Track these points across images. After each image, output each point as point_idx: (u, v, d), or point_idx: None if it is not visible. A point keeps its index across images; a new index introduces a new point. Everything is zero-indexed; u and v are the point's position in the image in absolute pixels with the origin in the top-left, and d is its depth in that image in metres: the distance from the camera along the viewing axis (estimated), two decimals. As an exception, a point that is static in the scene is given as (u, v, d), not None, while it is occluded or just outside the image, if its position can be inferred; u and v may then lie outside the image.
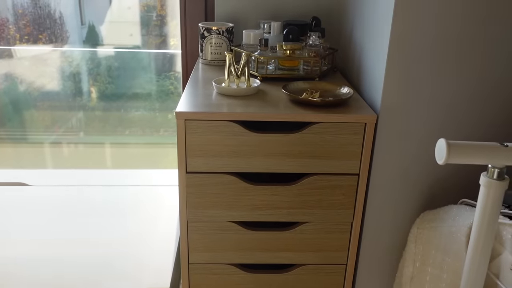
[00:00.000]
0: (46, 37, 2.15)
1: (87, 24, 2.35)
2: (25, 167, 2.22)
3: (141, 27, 2.58)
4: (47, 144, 2.36)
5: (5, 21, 2.05)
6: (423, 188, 1.05)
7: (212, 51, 1.36)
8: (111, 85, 2.43)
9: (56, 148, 2.37)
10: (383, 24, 0.98)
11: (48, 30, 2.14)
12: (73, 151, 2.43)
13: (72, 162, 2.36)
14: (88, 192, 1.58)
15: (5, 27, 2.06)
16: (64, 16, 2.19)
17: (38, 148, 2.36)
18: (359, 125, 0.98)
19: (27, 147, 2.37)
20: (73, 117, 2.41)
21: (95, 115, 2.45)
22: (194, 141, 0.98)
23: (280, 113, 0.97)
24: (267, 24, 1.33)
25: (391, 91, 0.98)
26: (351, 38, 1.27)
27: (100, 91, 2.44)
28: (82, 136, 2.42)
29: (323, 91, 1.10)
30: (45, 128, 2.37)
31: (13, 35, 2.08)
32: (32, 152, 2.36)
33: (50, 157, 2.37)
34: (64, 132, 2.42)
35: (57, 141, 2.36)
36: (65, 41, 2.24)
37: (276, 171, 1.02)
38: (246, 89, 1.09)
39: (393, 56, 0.95)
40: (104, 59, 2.48)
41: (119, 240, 1.26)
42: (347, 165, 1.02)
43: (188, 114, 0.96)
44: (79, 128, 2.45)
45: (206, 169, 1.01)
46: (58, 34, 2.18)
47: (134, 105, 2.45)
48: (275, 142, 0.99)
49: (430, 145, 1.02)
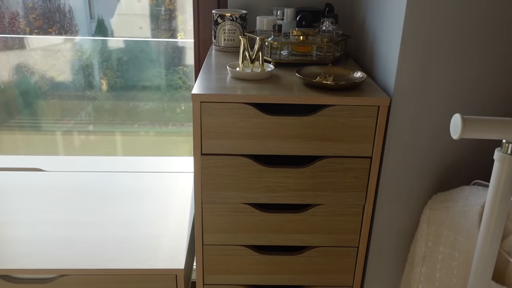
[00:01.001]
0: (55, 30, 2.17)
1: (96, 18, 2.38)
2: (39, 154, 2.26)
3: (150, 20, 2.60)
4: (59, 133, 2.39)
5: (15, 14, 2.07)
6: (436, 171, 1.06)
7: (225, 38, 1.37)
8: (120, 79, 2.45)
9: (68, 136, 2.41)
10: (397, 7, 0.98)
11: (57, 24, 2.16)
12: (84, 139, 2.46)
13: (83, 150, 2.40)
14: (101, 177, 1.61)
15: (15, 21, 2.08)
16: (73, 10, 2.22)
17: (50, 136, 2.39)
18: (372, 108, 0.99)
19: (40, 135, 2.41)
20: (82, 110, 2.44)
21: (104, 108, 2.48)
22: (209, 123, 1.00)
23: (294, 96, 0.98)
24: (280, 11, 1.34)
25: (405, 74, 0.98)
26: (363, 24, 1.27)
27: (109, 84, 2.46)
28: (91, 129, 2.45)
29: (336, 76, 1.11)
30: (57, 119, 2.40)
31: (23, 29, 2.11)
32: (44, 140, 2.40)
33: (62, 145, 2.40)
34: (74, 124, 2.45)
35: (68, 130, 2.40)
36: (75, 35, 2.27)
37: (289, 153, 1.04)
38: (260, 73, 1.10)
39: (406, 39, 0.96)
40: (114, 52, 2.49)
41: (133, 223, 1.29)
42: (360, 148, 1.03)
43: (204, 96, 0.98)
44: (89, 120, 2.48)
45: (221, 151, 1.03)
46: (68, 28, 2.21)
47: (143, 98, 2.48)
48: (289, 124, 1.01)
49: (442, 128, 1.02)
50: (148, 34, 2.75)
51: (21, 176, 1.59)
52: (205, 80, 1.07)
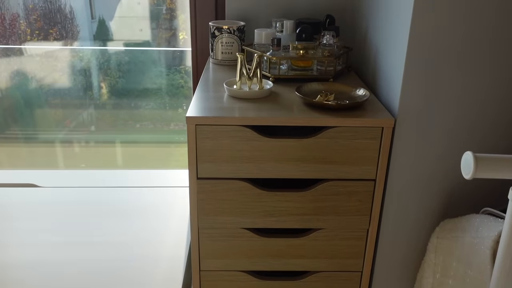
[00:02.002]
0: (56, 31, 2.15)
1: (98, 18, 2.34)
2: (36, 166, 2.22)
3: (150, 22, 2.57)
4: (58, 142, 2.36)
5: (16, 16, 2.05)
6: (443, 195, 1.01)
7: (223, 51, 1.33)
8: (121, 79, 2.42)
9: (67, 146, 2.37)
10: (402, 21, 0.93)
11: (58, 25, 2.14)
12: (84, 149, 2.42)
13: (82, 160, 2.36)
14: (98, 193, 1.57)
15: (16, 22, 2.06)
16: (74, 11, 2.18)
17: (49, 147, 2.36)
18: (376, 130, 0.95)
19: (38, 146, 2.37)
20: (84, 112, 2.41)
21: (106, 110, 2.45)
22: (205, 146, 0.95)
23: (294, 118, 0.94)
24: (280, 23, 1.29)
25: (410, 94, 0.94)
26: (366, 36, 1.23)
27: (110, 86, 2.43)
28: (93, 130, 2.41)
29: (338, 93, 1.06)
30: (57, 123, 2.36)
31: (24, 30, 2.08)
32: (43, 151, 2.36)
33: (61, 155, 2.37)
34: (75, 127, 2.41)
35: (68, 137, 2.36)
36: (76, 36, 2.24)
37: (289, 176, 0.99)
38: (259, 92, 1.05)
39: (412, 56, 0.91)
40: (114, 54, 2.46)
41: (129, 245, 1.24)
42: (363, 170, 0.98)
43: (199, 119, 0.93)
44: (90, 122, 2.44)
45: (218, 175, 0.98)
46: (69, 29, 2.18)
47: (145, 99, 2.44)
48: (289, 147, 0.96)
49: (450, 151, 0.98)
50: (148, 36, 2.72)
51: (14, 193, 1.55)
52: (201, 100, 1.02)
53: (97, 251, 1.22)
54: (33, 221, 1.38)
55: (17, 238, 1.28)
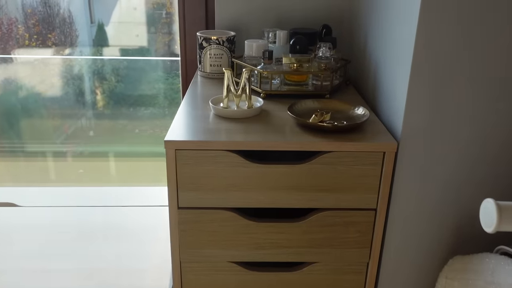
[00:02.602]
0: (55, 36, 2.13)
1: (97, 22, 2.32)
2: (20, 181, 2.12)
3: (148, 27, 2.51)
4: (48, 155, 2.27)
5: (14, 21, 2.04)
6: (452, 228, 0.91)
7: (211, 63, 1.23)
8: (120, 83, 2.36)
9: (57, 160, 2.28)
10: (406, 33, 0.84)
11: (57, 29, 2.13)
12: (76, 163, 2.33)
13: (72, 175, 2.27)
14: (80, 213, 1.47)
15: (13, 27, 2.05)
16: (73, 15, 2.17)
17: (36, 161, 2.27)
18: (376, 154, 0.85)
19: (23, 160, 2.28)
20: (78, 121, 2.33)
21: (101, 120, 2.38)
22: (187, 173, 0.86)
23: (285, 142, 0.84)
24: (272, 33, 1.20)
25: (415, 113, 0.84)
26: (365, 48, 1.13)
27: (108, 91, 2.36)
28: (89, 139, 2.33)
29: (334, 112, 0.96)
30: (47, 134, 2.28)
31: (22, 35, 2.07)
32: (28, 165, 2.27)
33: (49, 169, 2.28)
34: (64, 140, 2.33)
35: (58, 150, 2.27)
36: (74, 40, 2.21)
37: (281, 206, 0.89)
38: (247, 111, 0.96)
39: (417, 71, 0.81)
40: (110, 60, 2.40)
41: (108, 274, 1.14)
42: (362, 199, 0.89)
43: (179, 143, 0.83)
44: (84, 133, 2.37)
45: (201, 204, 0.88)
46: (68, 33, 2.17)
47: (143, 105, 2.38)
48: (280, 174, 0.86)
49: (460, 177, 0.88)
50: (144, 42, 2.64)
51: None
52: (184, 120, 0.93)
53: (73, 280, 1.12)
54: (8, 245, 1.28)
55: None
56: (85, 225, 1.40)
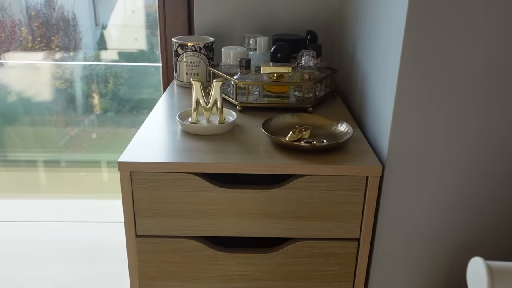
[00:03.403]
0: (58, 38, 2.11)
1: (101, 25, 2.28)
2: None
3: (146, 30, 2.46)
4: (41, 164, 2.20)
5: (17, 23, 2.01)
6: (444, 261, 0.81)
7: (188, 71, 1.14)
8: (123, 86, 2.30)
9: (49, 170, 2.21)
10: (391, 45, 0.74)
11: (61, 32, 2.10)
12: (69, 173, 2.25)
13: (60, 185, 2.19)
14: (55, 229, 1.38)
15: (17, 29, 2.03)
16: (77, 17, 2.14)
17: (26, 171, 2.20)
18: (359, 179, 0.75)
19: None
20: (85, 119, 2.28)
21: (108, 115, 2.32)
22: (144, 198, 0.76)
23: (253, 163, 0.74)
24: (253, 39, 1.10)
25: (402, 135, 0.74)
26: (353, 58, 1.03)
27: (113, 91, 2.31)
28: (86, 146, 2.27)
29: (315, 128, 0.86)
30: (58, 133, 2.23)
31: (26, 37, 2.05)
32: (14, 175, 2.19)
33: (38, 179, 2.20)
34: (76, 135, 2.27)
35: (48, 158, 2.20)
36: (79, 43, 2.18)
37: (251, 235, 0.79)
38: (218, 127, 0.86)
39: (404, 85, 0.71)
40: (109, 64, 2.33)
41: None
42: (344, 228, 0.78)
43: (134, 165, 0.74)
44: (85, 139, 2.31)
45: (161, 232, 0.79)
46: (72, 36, 2.15)
47: (142, 110, 2.32)
48: (250, 199, 0.76)
49: (454, 204, 0.78)
50: (143, 45, 2.58)
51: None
52: (147, 136, 0.83)
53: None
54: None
55: None
56: (56, 243, 1.30)
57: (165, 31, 1.37)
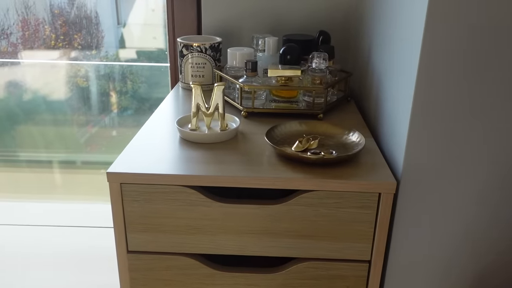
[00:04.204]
0: (81, 37, 2.14)
1: (123, 23, 2.31)
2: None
3: (165, 29, 2.48)
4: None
5: (41, 21, 2.06)
6: (463, 285, 0.73)
7: (193, 73, 1.08)
8: (143, 85, 2.29)
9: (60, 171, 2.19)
10: (409, 50, 0.66)
11: (84, 30, 2.13)
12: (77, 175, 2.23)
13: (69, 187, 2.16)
14: (43, 233, 1.34)
15: (41, 28, 2.07)
16: (99, 16, 2.17)
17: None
18: (370, 196, 0.68)
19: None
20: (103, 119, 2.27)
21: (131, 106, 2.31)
22: (136, 211, 0.70)
23: (255, 177, 0.67)
24: (262, 40, 1.04)
25: (420, 146, 0.66)
26: (368, 61, 0.96)
27: (133, 89, 2.30)
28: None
29: (324, 137, 0.79)
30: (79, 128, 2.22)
31: (49, 35, 2.09)
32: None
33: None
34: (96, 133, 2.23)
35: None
36: (101, 41, 2.21)
37: (251, 253, 0.73)
38: (219, 134, 0.80)
39: (423, 95, 0.64)
40: (127, 62, 2.35)
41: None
42: (353, 248, 0.71)
43: (124, 176, 0.68)
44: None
45: (154, 248, 0.73)
46: (94, 34, 2.17)
47: None
48: (250, 215, 0.70)
49: (474, 227, 0.70)
50: (162, 44, 2.58)
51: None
52: (143, 144, 0.78)
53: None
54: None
55: None
56: (29, 250, 1.26)
57: (173, 30, 1.32)
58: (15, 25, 2.01)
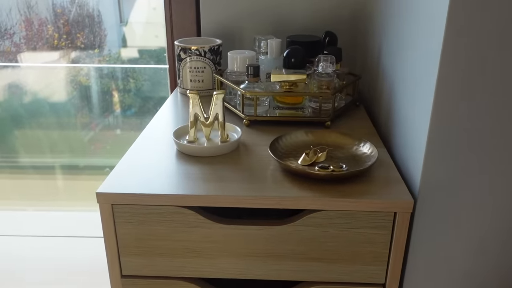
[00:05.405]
0: (83, 36, 2.13)
1: (126, 21, 2.29)
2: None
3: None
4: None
5: (44, 21, 2.05)
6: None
7: (191, 78, 1.02)
8: (146, 82, 2.27)
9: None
10: (427, 50, 0.60)
11: (86, 29, 2.12)
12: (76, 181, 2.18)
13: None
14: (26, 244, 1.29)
15: (44, 27, 2.06)
16: (102, 14, 2.15)
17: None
18: (385, 215, 0.62)
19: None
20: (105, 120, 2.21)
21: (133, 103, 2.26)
22: (130, 234, 0.65)
23: (259, 196, 0.62)
24: (264, 42, 0.98)
25: (439, 160, 0.60)
26: (379, 62, 0.89)
27: (137, 87, 2.27)
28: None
29: (333, 148, 0.73)
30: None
31: (52, 35, 2.08)
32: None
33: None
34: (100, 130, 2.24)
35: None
36: (103, 40, 2.20)
37: (255, 277, 0.67)
38: (219, 147, 0.74)
39: (443, 101, 0.57)
40: (128, 60, 2.33)
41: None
42: (365, 271, 0.66)
43: (116, 197, 0.62)
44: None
45: (150, 273, 0.67)
46: (97, 33, 2.16)
47: None
48: (252, 237, 0.64)
49: (500, 249, 0.64)
50: (163, 43, 2.56)
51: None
52: (136, 159, 0.72)
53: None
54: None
55: None
56: (15, 265, 1.21)
57: (171, 32, 1.26)
58: (17, 25, 2.00)
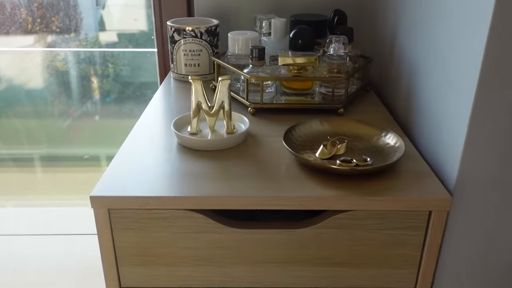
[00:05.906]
0: (58, 19, 2.04)
1: (102, 4, 2.21)
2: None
3: (147, 10, 2.37)
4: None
5: (16, 4, 1.96)
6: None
7: (186, 62, 0.93)
8: (125, 67, 2.18)
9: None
10: (468, 27, 0.53)
11: (61, 12, 2.03)
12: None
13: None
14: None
15: (17, 11, 1.97)
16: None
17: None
18: (418, 214, 0.55)
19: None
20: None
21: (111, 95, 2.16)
22: (129, 242, 0.57)
23: (277, 196, 0.54)
24: (267, 22, 0.89)
25: (479, 154, 0.54)
26: (393, 43, 0.82)
27: (115, 72, 2.16)
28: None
29: (352, 139, 0.66)
30: None
31: (25, 19, 1.99)
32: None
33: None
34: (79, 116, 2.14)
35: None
36: (79, 24, 2.12)
37: (273, 285, 0.60)
38: (225, 140, 0.66)
39: (490, 83, 0.51)
40: (107, 45, 2.24)
41: None
42: (394, 275, 0.59)
43: (113, 201, 0.54)
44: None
45: (154, 284, 0.60)
46: (72, 17, 2.08)
47: (146, 92, 2.20)
48: (269, 241, 0.57)
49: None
50: (143, 26, 2.48)
51: None
52: (132, 156, 0.64)
53: None
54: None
55: None
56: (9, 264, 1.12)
57: (160, 12, 1.16)
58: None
